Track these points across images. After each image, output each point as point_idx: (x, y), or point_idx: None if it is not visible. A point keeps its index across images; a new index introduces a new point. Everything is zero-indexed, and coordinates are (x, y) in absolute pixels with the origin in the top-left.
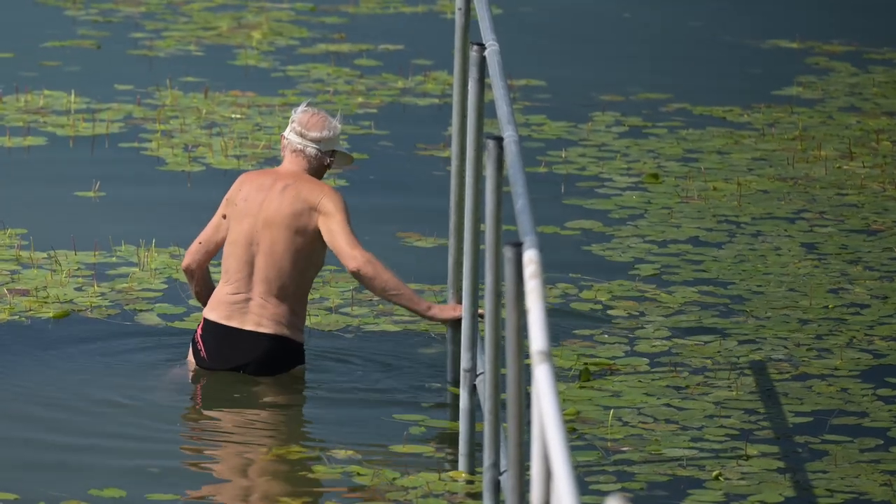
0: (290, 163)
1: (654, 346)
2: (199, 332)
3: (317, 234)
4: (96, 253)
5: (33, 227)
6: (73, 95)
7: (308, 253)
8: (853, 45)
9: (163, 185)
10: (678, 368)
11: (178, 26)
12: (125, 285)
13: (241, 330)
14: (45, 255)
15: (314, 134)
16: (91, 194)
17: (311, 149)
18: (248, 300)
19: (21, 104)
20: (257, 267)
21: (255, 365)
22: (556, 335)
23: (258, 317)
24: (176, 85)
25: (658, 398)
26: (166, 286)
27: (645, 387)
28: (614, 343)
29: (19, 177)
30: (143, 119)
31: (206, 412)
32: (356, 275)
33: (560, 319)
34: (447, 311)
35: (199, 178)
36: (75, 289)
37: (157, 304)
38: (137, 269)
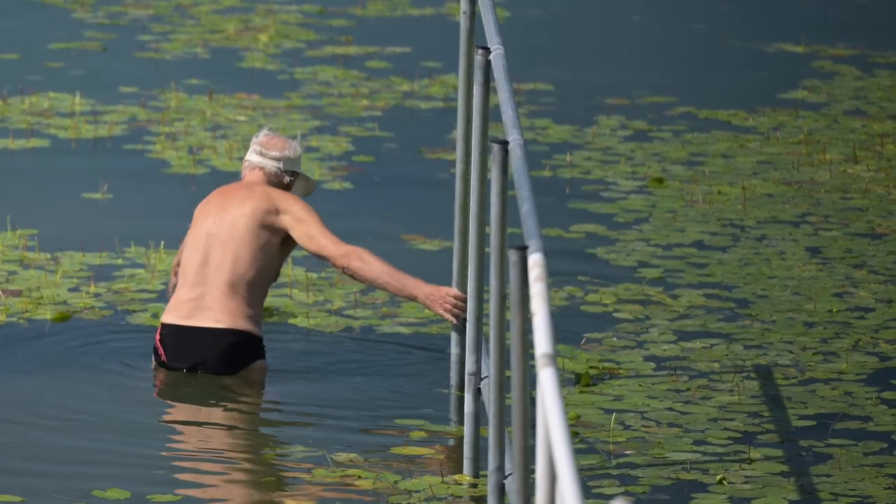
0: (249, 178)
1: (659, 349)
2: (158, 337)
3: (281, 234)
4: (102, 254)
5: (42, 229)
6: (77, 97)
7: (269, 250)
8: (858, 49)
9: (168, 187)
10: (678, 372)
11: (185, 29)
12: (122, 286)
13: (200, 328)
14: (49, 256)
15: (274, 153)
16: (98, 196)
17: (272, 166)
18: (203, 295)
19: (25, 106)
20: (213, 257)
21: (215, 360)
22: (561, 339)
23: (215, 312)
24: (181, 87)
25: (660, 401)
26: (164, 287)
27: (646, 390)
28: (622, 347)
29: (25, 179)
30: (147, 121)
31: (206, 414)
32: (346, 270)
33: (565, 323)
34: (436, 304)
35: (204, 181)
36: (69, 290)
37: (150, 304)
38: (143, 271)
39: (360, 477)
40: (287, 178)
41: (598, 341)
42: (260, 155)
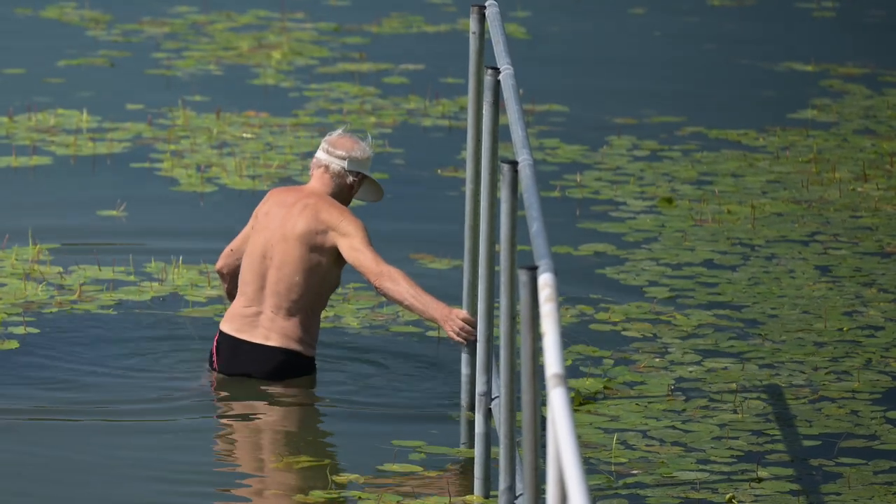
0: (315, 180)
1: (668, 368)
2: (215, 343)
3: (333, 253)
4: (117, 269)
5: (61, 244)
6: (84, 114)
7: (321, 271)
8: (868, 68)
9: (179, 204)
10: (674, 392)
11: (199, 46)
12: (110, 298)
13: (251, 343)
14: (61, 270)
15: (340, 151)
16: (115, 213)
17: (336, 165)
18: (258, 313)
19: (32, 123)
20: (269, 280)
21: (264, 377)
22: (582, 360)
23: (267, 330)
24: (189, 105)
25: (658, 420)
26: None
27: (642, 410)
28: (643, 367)
29: (25, 196)
30: (152, 139)
31: (212, 424)
32: (379, 289)
33: (574, 342)
34: (446, 324)
35: (214, 199)
36: (50, 297)
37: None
38: (158, 284)
39: (360, 498)
40: (351, 178)
41: (603, 361)
42: (326, 153)
